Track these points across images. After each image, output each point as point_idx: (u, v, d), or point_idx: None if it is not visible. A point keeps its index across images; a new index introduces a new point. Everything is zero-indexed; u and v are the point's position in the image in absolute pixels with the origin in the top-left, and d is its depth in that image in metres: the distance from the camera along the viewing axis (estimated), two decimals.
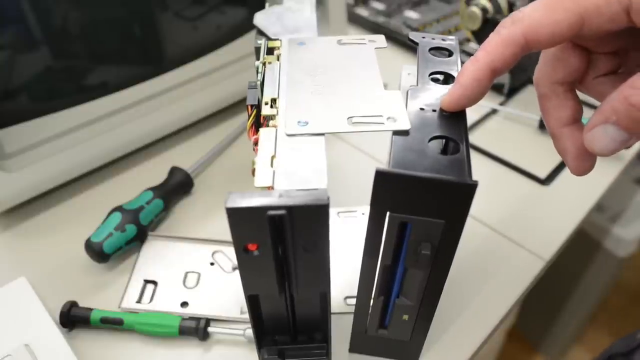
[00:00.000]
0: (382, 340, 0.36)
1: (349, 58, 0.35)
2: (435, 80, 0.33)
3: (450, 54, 0.35)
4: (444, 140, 0.29)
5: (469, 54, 0.75)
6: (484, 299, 0.46)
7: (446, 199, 0.26)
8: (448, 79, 0.33)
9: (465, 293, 0.47)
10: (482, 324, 0.44)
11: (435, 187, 0.25)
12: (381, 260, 0.29)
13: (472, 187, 0.25)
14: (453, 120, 0.30)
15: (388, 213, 0.27)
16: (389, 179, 0.25)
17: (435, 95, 0.31)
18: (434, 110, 0.30)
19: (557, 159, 0.61)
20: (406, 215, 0.27)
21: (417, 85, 0.32)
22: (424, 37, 0.36)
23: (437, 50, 0.36)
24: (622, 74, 0.31)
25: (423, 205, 0.26)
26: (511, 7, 0.65)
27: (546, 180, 0.58)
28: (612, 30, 0.27)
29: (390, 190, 0.26)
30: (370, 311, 0.34)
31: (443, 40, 0.36)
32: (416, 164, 0.26)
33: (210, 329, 0.43)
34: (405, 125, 0.29)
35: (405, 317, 0.33)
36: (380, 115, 0.29)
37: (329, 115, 0.30)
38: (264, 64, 0.35)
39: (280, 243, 0.26)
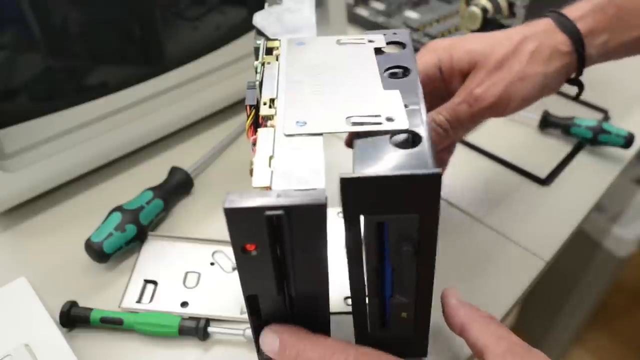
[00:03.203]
0: (387, 337, 0.36)
1: (348, 58, 0.35)
2: (394, 75, 0.33)
3: (404, 46, 0.36)
4: (408, 135, 0.29)
5: None
6: (484, 299, 0.46)
7: (415, 192, 0.26)
8: (406, 71, 0.34)
9: (465, 293, 0.46)
10: None
11: (401, 183, 0.25)
12: (367, 264, 0.29)
13: (436, 176, 0.25)
14: (411, 113, 0.30)
15: (362, 216, 0.27)
16: (355, 183, 0.25)
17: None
18: None
19: (557, 159, 0.61)
20: (380, 215, 0.27)
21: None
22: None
23: (392, 44, 0.37)
24: None
25: (394, 203, 0.26)
26: (511, 7, 0.65)
27: (546, 180, 0.58)
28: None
29: (359, 194, 0.26)
30: (368, 313, 0.33)
31: (394, 34, 0.37)
32: (380, 163, 0.26)
33: (210, 329, 0.43)
34: (404, 125, 0.29)
35: (404, 314, 0.33)
36: (379, 115, 0.29)
37: (327, 115, 0.30)
38: (262, 64, 0.35)
39: (278, 243, 0.26)
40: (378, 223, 0.27)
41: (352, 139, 0.47)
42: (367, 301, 0.32)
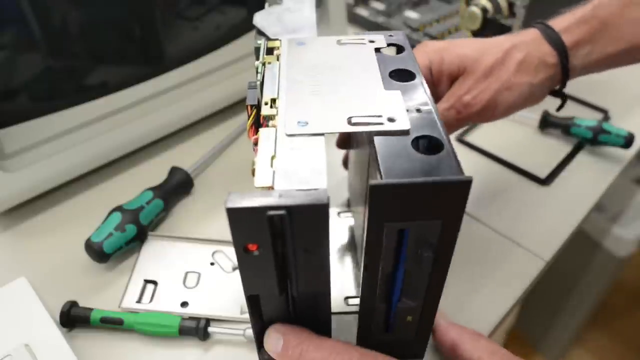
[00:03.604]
0: (388, 339, 0.36)
1: (348, 58, 0.35)
2: (399, 78, 0.33)
3: (400, 49, 0.36)
4: (417, 140, 0.29)
5: None
6: (484, 299, 0.46)
7: (443, 198, 0.26)
8: (407, 75, 0.33)
9: (465, 293, 0.47)
10: (482, 324, 0.44)
11: (432, 190, 0.25)
12: (382, 269, 0.29)
13: (468, 183, 0.25)
14: (426, 118, 0.29)
15: (385, 223, 0.27)
16: (386, 191, 0.25)
17: (404, 94, 0.31)
18: (407, 111, 0.30)
19: (557, 159, 0.61)
20: (404, 222, 0.27)
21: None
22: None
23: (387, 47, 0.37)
24: None
25: (420, 209, 0.26)
26: (511, 7, 0.65)
27: (546, 180, 0.58)
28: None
29: (387, 201, 0.25)
30: (374, 318, 0.33)
31: (390, 36, 0.37)
32: (407, 170, 0.26)
33: (210, 329, 0.43)
34: (405, 126, 0.28)
35: (409, 318, 0.33)
36: (380, 116, 0.29)
37: (328, 116, 0.30)
38: (263, 64, 0.35)
39: (280, 243, 0.25)
40: (400, 230, 0.27)
41: (343, 141, 0.48)
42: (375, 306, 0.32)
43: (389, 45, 0.37)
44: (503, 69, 0.43)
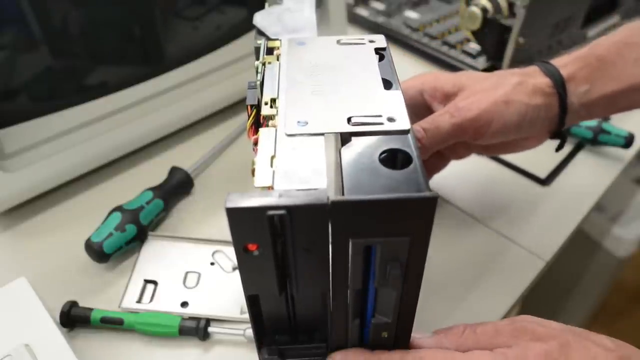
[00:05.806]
0: None
1: (348, 58, 0.35)
2: None
3: (382, 57, 0.35)
4: (396, 153, 0.28)
5: (469, 54, 0.74)
6: (484, 299, 0.46)
7: (409, 215, 0.25)
8: (384, 83, 0.33)
9: (465, 293, 0.47)
10: None
11: (396, 207, 0.24)
12: (352, 285, 0.28)
13: (433, 200, 0.24)
14: (397, 130, 0.29)
15: (350, 240, 0.26)
16: (347, 207, 0.24)
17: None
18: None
19: (557, 159, 0.61)
20: (370, 239, 0.26)
21: None
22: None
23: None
24: None
25: (385, 226, 0.25)
26: (511, 7, 0.65)
27: (546, 180, 0.58)
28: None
29: (350, 218, 0.25)
30: (349, 335, 0.33)
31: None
32: (371, 185, 0.25)
33: (210, 329, 0.43)
34: (405, 126, 0.28)
35: (385, 334, 0.32)
36: (380, 116, 0.29)
37: (328, 116, 0.30)
38: (263, 64, 0.35)
39: (280, 243, 0.25)
40: (366, 246, 0.27)
41: None
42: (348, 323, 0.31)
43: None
44: (500, 88, 0.43)
